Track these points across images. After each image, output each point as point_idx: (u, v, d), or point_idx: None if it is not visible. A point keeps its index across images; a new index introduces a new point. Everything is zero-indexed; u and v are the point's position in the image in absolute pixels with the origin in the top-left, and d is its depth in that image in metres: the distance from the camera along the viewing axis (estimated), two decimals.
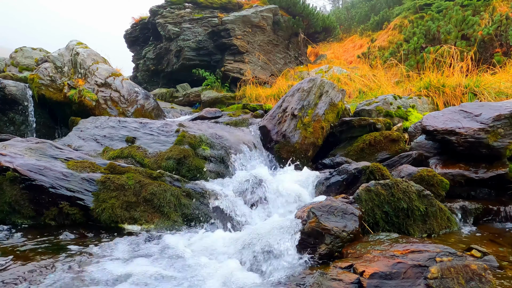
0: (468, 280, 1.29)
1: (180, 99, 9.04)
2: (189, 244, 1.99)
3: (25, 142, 2.56)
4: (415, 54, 7.76)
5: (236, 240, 1.93)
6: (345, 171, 2.68)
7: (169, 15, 9.93)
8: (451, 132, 2.84)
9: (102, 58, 5.91)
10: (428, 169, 2.64)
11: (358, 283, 1.36)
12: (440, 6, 10.63)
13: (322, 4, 31.45)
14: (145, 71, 10.95)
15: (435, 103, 4.93)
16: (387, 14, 14.04)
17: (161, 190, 2.35)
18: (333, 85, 4.00)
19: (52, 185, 2.15)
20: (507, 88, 4.75)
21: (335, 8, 23.36)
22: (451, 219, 2.19)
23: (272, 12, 10.18)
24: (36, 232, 2.01)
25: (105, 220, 2.17)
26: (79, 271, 1.60)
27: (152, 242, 1.99)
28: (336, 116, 3.90)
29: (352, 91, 6.99)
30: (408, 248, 1.49)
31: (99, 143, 3.34)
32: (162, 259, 1.79)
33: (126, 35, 11.57)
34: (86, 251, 1.80)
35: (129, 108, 5.30)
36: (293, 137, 3.59)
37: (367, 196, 2.04)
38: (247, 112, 5.48)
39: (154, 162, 3.03)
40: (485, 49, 7.28)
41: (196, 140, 3.29)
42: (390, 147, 3.53)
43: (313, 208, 1.85)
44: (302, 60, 11.13)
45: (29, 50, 7.30)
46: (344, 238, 1.71)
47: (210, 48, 9.74)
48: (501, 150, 2.66)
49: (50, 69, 5.42)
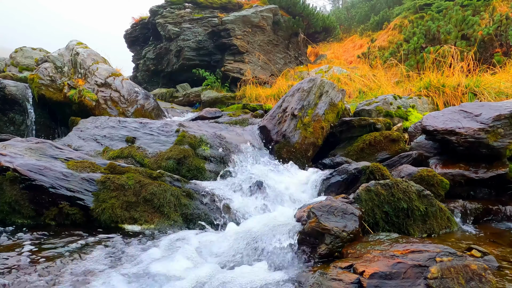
0: (468, 280, 1.29)
1: (180, 99, 9.04)
2: (189, 244, 1.99)
3: (25, 142, 2.56)
4: (415, 54, 7.76)
5: (236, 240, 1.93)
6: (345, 171, 2.68)
7: (169, 15, 9.93)
8: (451, 132, 2.84)
9: (102, 58, 5.92)
10: (428, 169, 2.64)
11: (358, 283, 1.36)
12: (440, 6, 10.63)
13: (322, 4, 31.46)
14: (145, 71, 10.95)
15: (435, 103, 4.93)
16: (387, 14, 14.05)
17: (161, 190, 2.35)
18: (333, 85, 4.00)
19: (52, 185, 2.15)
20: (507, 88, 4.75)
21: (335, 8, 23.36)
22: (451, 219, 2.19)
23: (272, 12, 10.18)
24: (36, 232, 2.01)
25: (105, 220, 2.17)
26: (80, 272, 1.60)
27: (151, 242, 1.99)
28: (336, 116, 3.90)
29: (352, 91, 6.99)
30: (408, 248, 1.49)
31: (99, 143, 3.34)
32: (161, 259, 1.79)
33: (126, 35, 11.57)
34: (87, 251, 1.80)
35: (129, 108, 5.30)
36: (293, 137, 3.59)
37: (367, 196, 2.04)
38: (247, 112, 5.49)
39: (154, 162, 3.03)
40: (485, 49, 7.28)
41: (196, 140, 3.29)
42: (390, 147, 3.53)
43: (313, 208, 1.85)
44: (302, 60, 11.13)
45: (29, 50, 7.30)
46: (344, 238, 1.71)
47: (210, 48, 9.74)
48: (501, 150, 2.66)
49: (50, 69, 5.42)
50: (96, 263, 1.69)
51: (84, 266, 1.65)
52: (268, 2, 10.71)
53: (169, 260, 1.78)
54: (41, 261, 1.65)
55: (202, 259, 1.81)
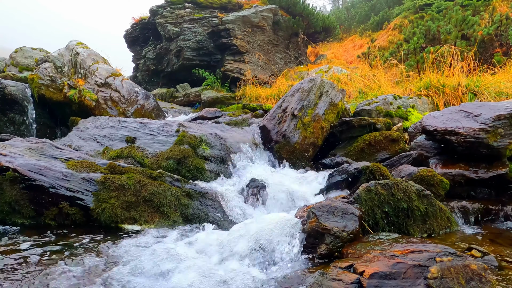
0: (468, 280, 1.29)
1: (180, 99, 9.04)
2: (190, 244, 1.99)
3: (25, 142, 2.56)
4: (415, 54, 7.76)
5: (236, 240, 1.93)
6: (345, 171, 2.68)
7: (169, 15, 9.93)
8: (451, 132, 2.84)
9: (102, 58, 5.92)
10: (428, 169, 2.64)
11: (358, 283, 1.36)
12: (440, 6, 10.63)
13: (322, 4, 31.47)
14: (145, 71, 10.95)
15: (435, 103, 4.93)
16: (387, 14, 14.05)
17: (161, 190, 2.35)
18: (333, 85, 4.00)
19: (52, 185, 2.15)
20: (507, 88, 4.75)
21: (335, 8, 23.36)
22: (451, 219, 2.19)
23: (272, 12, 10.18)
24: (36, 232, 2.01)
25: (105, 220, 2.17)
26: (80, 272, 1.60)
27: (151, 242, 1.99)
28: (336, 116, 3.90)
29: (352, 91, 6.99)
30: (408, 248, 1.49)
31: (99, 143, 3.34)
32: (161, 259, 1.79)
33: (126, 35, 11.58)
34: (87, 251, 1.80)
35: (129, 108, 5.30)
36: (293, 137, 3.59)
37: (367, 196, 2.04)
38: (247, 112, 5.49)
39: (154, 162, 3.03)
40: (485, 49, 7.28)
41: (196, 140, 3.29)
42: (390, 147, 3.53)
43: (313, 208, 1.85)
44: (302, 60, 11.13)
45: (29, 50, 7.30)
46: (344, 238, 1.71)
47: (210, 48, 9.74)
48: (501, 150, 2.66)
49: (50, 69, 5.42)
50: (96, 263, 1.69)
51: (84, 266, 1.65)
52: (268, 2, 10.71)
53: (169, 260, 1.78)
54: (41, 261, 1.65)
55: (202, 259, 1.81)
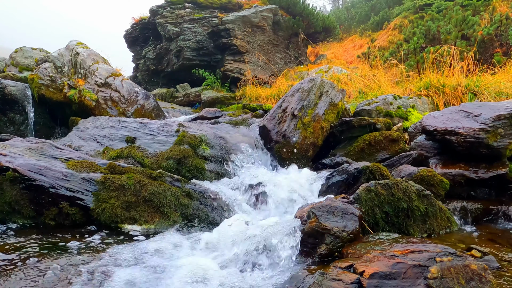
0: (468, 280, 1.29)
1: (180, 99, 9.05)
2: (189, 243, 1.99)
3: (25, 142, 2.56)
4: (415, 54, 7.76)
5: (236, 240, 1.93)
6: (345, 171, 2.68)
7: (169, 15, 9.94)
8: (451, 132, 2.84)
9: (102, 58, 5.92)
10: (428, 169, 2.64)
11: (358, 283, 1.36)
12: (440, 6, 10.63)
13: (322, 4, 31.43)
14: (145, 71, 10.95)
15: (435, 103, 4.93)
16: (387, 14, 14.05)
17: (161, 190, 2.35)
18: (333, 85, 4.00)
19: (52, 185, 2.15)
20: (507, 88, 4.75)
21: (335, 8, 23.36)
22: (451, 219, 2.19)
23: (272, 12, 10.18)
24: (36, 232, 2.01)
25: (105, 220, 2.17)
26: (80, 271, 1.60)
27: (151, 242, 1.99)
28: (336, 116, 3.90)
29: (352, 91, 6.99)
30: (408, 248, 1.49)
31: (99, 143, 3.34)
32: (162, 259, 1.79)
33: (126, 35, 11.58)
34: (87, 251, 1.80)
35: (129, 108, 5.30)
36: (293, 137, 3.59)
37: (367, 196, 2.04)
38: (247, 112, 5.49)
39: (154, 162, 3.03)
40: (485, 49, 7.29)
41: (196, 140, 3.29)
42: (390, 147, 3.53)
43: (313, 208, 1.85)
44: (302, 60, 11.13)
45: (29, 50, 7.30)
46: (344, 238, 1.71)
47: (210, 48, 9.74)
48: (501, 150, 2.66)
49: (50, 69, 5.42)
50: (96, 263, 1.69)
51: (84, 266, 1.65)
52: (268, 2, 10.71)
53: (169, 260, 1.78)
54: (41, 261, 1.65)
55: (203, 259, 1.81)
